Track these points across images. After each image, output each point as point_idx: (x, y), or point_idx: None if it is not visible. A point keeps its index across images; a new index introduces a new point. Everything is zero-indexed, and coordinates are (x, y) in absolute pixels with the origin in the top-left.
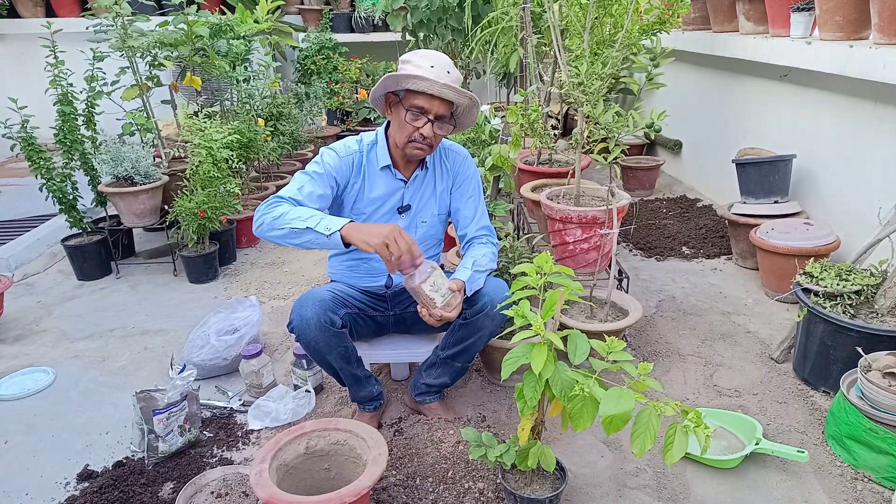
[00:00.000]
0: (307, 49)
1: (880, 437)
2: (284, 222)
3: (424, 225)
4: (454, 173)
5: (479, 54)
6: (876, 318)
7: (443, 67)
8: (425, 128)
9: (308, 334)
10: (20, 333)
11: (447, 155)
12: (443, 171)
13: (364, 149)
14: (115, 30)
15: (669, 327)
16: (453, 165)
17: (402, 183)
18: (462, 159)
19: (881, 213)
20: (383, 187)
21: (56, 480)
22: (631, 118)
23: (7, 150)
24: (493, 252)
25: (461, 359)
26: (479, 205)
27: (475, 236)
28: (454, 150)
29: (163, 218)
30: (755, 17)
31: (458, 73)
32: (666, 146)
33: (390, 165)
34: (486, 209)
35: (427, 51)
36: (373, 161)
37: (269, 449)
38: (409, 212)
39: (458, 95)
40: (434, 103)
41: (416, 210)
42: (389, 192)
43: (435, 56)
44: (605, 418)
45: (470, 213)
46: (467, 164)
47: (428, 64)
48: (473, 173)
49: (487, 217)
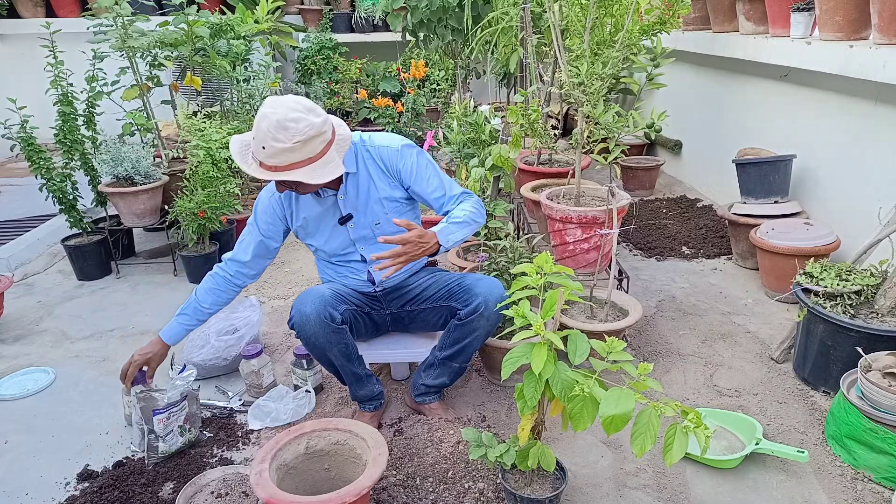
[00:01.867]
0: (307, 49)
1: (880, 437)
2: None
3: (379, 226)
4: (394, 171)
5: (479, 54)
6: (876, 318)
7: (259, 141)
8: (279, 186)
9: (308, 330)
10: (20, 333)
11: (379, 153)
12: (378, 169)
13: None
14: (115, 30)
15: (669, 327)
16: (387, 162)
17: (332, 197)
18: (395, 152)
19: (881, 213)
20: (317, 206)
21: (56, 480)
22: (631, 118)
23: (7, 150)
24: (471, 205)
25: (458, 359)
26: (440, 181)
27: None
28: (385, 144)
29: (163, 218)
30: (755, 18)
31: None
32: (666, 146)
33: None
34: (449, 179)
35: (269, 103)
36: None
37: (269, 449)
38: (352, 220)
39: (269, 175)
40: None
41: (358, 216)
42: (325, 209)
43: (263, 119)
44: (606, 418)
45: (436, 192)
46: (403, 154)
47: (251, 134)
48: (415, 156)
49: (455, 185)
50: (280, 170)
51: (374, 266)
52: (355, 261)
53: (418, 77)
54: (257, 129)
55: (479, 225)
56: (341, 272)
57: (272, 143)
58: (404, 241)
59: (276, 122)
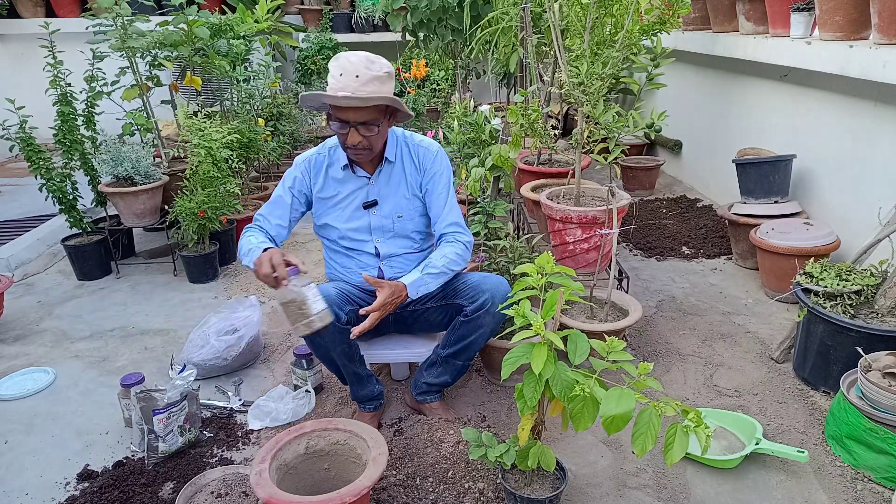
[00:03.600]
0: (307, 49)
1: (880, 437)
2: (242, 256)
3: (401, 220)
4: (423, 168)
5: (479, 54)
6: (876, 318)
7: (350, 73)
8: (350, 135)
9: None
10: (20, 333)
11: (417, 151)
12: (413, 165)
13: (327, 152)
14: (114, 30)
15: (669, 327)
16: (423, 161)
17: (365, 180)
18: (432, 155)
19: (881, 213)
20: (348, 185)
21: (56, 480)
22: (631, 118)
23: (7, 150)
24: (456, 251)
25: (462, 357)
26: (447, 201)
27: (444, 233)
28: (424, 145)
29: (163, 218)
30: (755, 18)
31: (376, 72)
32: (666, 146)
33: (347, 164)
34: (456, 205)
35: (342, 54)
36: (335, 161)
37: (269, 449)
38: (377, 207)
39: (363, 101)
40: (348, 113)
41: (383, 204)
42: (353, 189)
43: (345, 61)
44: (606, 418)
45: (438, 210)
46: (437, 160)
47: (337, 72)
48: (443, 169)
49: (458, 213)
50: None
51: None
52: (368, 253)
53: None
54: (344, 65)
55: (455, 273)
56: (349, 266)
57: (365, 71)
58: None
59: (364, 56)
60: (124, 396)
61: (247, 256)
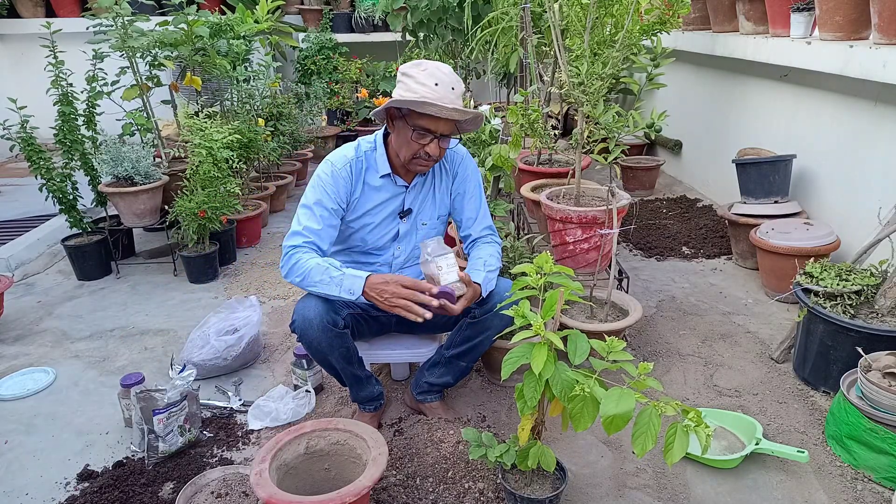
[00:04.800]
0: (307, 49)
1: (880, 437)
2: (311, 284)
3: (425, 227)
4: (453, 173)
5: (479, 54)
6: (876, 318)
7: (447, 84)
8: (431, 146)
9: (310, 335)
10: (20, 333)
11: (446, 155)
12: (442, 171)
13: (362, 154)
14: (114, 30)
15: (669, 327)
16: (452, 165)
17: (403, 188)
18: (461, 158)
19: (881, 213)
20: (384, 193)
21: (56, 480)
22: (631, 118)
23: (7, 150)
24: (498, 251)
25: (466, 358)
26: (480, 204)
27: (480, 236)
28: (450, 148)
29: (163, 218)
30: (755, 18)
31: (461, 82)
32: (666, 146)
33: (390, 173)
34: (487, 208)
35: (428, 64)
36: (372, 167)
37: (269, 449)
38: (410, 216)
39: (464, 115)
40: (440, 124)
41: (416, 213)
42: (390, 198)
43: (437, 71)
44: (606, 418)
45: (472, 213)
46: (466, 164)
47: (432, 82)
48: (473, 172)
49: (489, 216)
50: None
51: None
52: (382, 264)
53: None
54: (439, 76)
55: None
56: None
57: (459, 85)
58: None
59: (449, 69)
60: (124, 396)
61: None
